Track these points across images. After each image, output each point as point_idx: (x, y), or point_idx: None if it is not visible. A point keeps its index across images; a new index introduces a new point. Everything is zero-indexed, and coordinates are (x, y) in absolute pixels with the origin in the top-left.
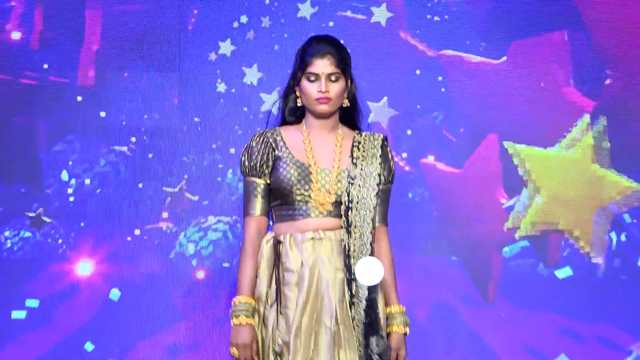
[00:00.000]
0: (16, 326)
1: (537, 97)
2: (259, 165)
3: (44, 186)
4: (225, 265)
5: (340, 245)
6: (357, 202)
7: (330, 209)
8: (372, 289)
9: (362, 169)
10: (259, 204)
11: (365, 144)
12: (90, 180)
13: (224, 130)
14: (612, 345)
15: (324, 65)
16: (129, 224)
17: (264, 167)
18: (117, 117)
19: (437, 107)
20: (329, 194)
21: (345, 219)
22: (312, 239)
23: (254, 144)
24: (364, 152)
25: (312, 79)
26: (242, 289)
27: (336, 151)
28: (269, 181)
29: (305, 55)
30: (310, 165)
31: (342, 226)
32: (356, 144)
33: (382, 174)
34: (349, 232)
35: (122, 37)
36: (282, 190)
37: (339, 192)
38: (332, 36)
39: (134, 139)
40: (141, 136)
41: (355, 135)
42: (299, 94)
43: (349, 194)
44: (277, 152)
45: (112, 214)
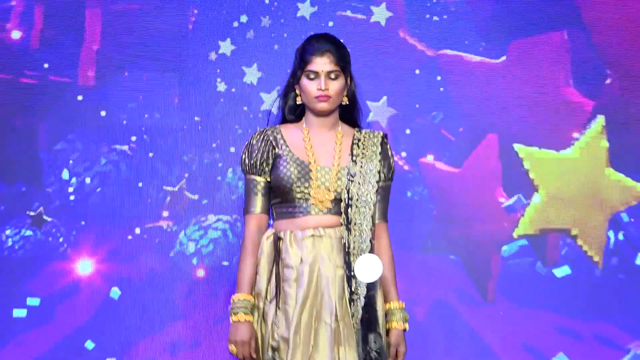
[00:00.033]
0: (17, 324)
1: (537, 96)
2: (259, 163)
3: (45, 185)
4: (225, 263)
5: (340, 242)
6: (357, 200)
7: (329, 207)
8: (371, 286)
9: (361, 167)
10: (259, 202)
11: (365, 142)
12: (90, 179)
13: (224, 129)
14: (610, 343)
15: (323, 63)
16: (130, 222)
17: (264, 165)
18: (117, 117)
19: (436, 106)
20: (329, 191)
21: (345, 217)
22: (312, 236)
23: (255, 142)
24: (364, 149)
25: (312, 77)
26: (241, 287)
27: (336, 149)
28: (269, 179)
29: (304, 53)
30: (310, 163)
31: (342, 223)
32: (356, 141)
33: (382, 171)
34: (348, 230)
35: (122, 37)
36: (282, 188)
37: (339, 190)
38: (331, 34)
39: (135, 138)
40: (141, 135)
41: (355, 132)
42: (298, 92)
43: (348, 192)
44: (277, 150)
45: (112, 212)
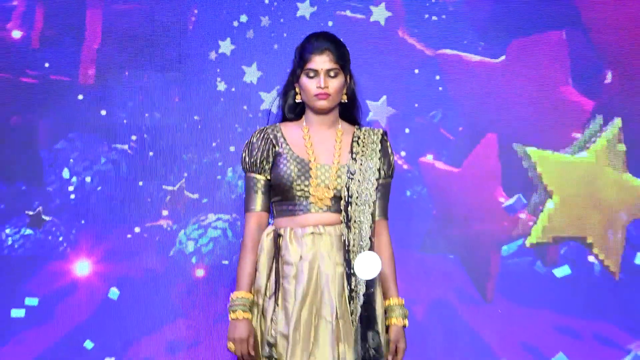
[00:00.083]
0: (16, 324)
1: (536, 96)
2: (259, 161)
3: (45, 184)
4: (224, 262)
5: (339, 240)
6: (357, 197)
7: (329, 204)
8: (370, 283)
9: (361, 164)
10: (259, 200)
11: (364, 139)
12: (90, 178)
13: (224, 128)
14: (610, 344)
15: (322, 61)
16: (129, 221)
17: (264, 163)
18: (117, 116)
19: (435, 105)
20: (328, 189)
21: (344, 214)
22: (312, 233)
23: (255, 141)
24: (364, 147)
25: (311, 75)
26: (240, 284)
27: (336, 147)
28: (269, 177)
29: (304, 51)
30: (310, 161)
31: (341, 221)
32: (356, 139)
33: (382, 169)
34: (348, 227)
35: (122, 36)
36: (283, 186)
37: (339, 188)
38: (331, 33)
39: (135, 137)
40: (142, 134)
41: (355, 130)
42: (298, 90)
43: (348, 189)
44: (277, 149)
45: (112, 211)
